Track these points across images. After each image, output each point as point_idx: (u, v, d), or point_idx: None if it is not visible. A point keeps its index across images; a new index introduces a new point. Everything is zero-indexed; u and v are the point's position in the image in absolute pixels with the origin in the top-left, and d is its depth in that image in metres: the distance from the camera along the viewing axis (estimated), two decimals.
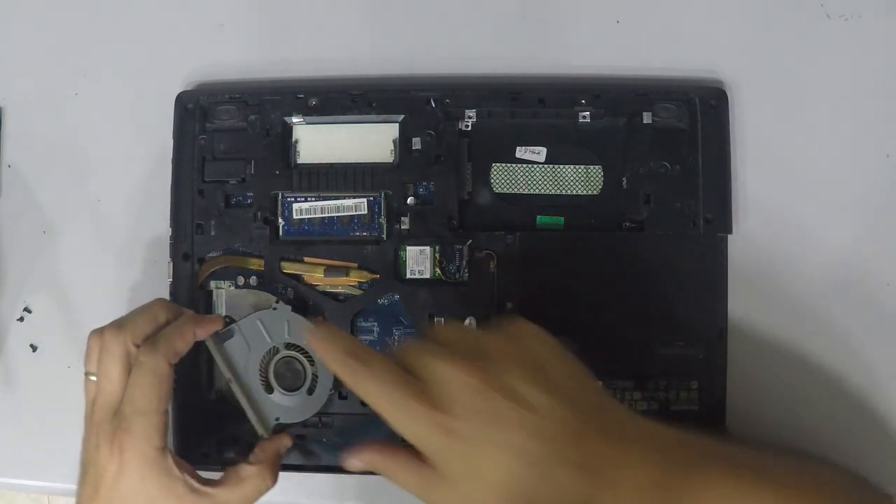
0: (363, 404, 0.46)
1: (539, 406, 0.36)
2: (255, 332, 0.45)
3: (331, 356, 0.37)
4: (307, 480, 0.49)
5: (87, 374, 0.41)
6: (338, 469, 0.47)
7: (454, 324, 0.42)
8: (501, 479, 0.36)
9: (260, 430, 0.44)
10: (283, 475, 0.48)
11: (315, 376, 0.45)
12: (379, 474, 0.38)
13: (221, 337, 0.44)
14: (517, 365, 0.37)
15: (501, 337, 0.38)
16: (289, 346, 0.45)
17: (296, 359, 0.45)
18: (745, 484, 0.38)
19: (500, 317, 0.43)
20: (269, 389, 0.45)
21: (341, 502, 0.49)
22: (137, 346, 0.40)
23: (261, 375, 0.45)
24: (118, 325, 0.41)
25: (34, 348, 0.51)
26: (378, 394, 0.36)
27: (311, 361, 0.45)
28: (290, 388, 0.45)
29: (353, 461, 0.39)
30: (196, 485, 0.41)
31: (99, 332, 0.41)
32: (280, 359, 0.45)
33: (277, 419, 0.44)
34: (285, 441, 0.45)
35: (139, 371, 0.39)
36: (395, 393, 0.36)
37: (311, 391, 0.45)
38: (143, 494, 0.39)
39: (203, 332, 0.43)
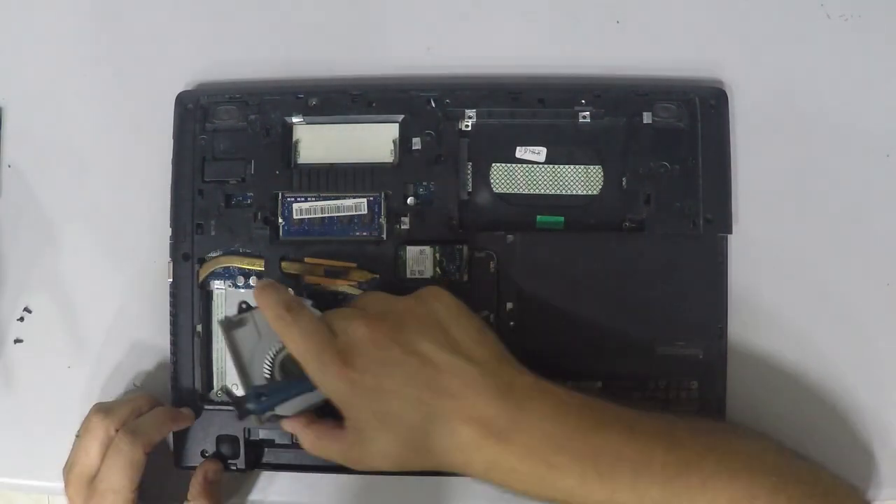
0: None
1: (438, 362, 0.39)
2: (267, 325, 0.44)
3: (267, 305, 0.41)
4: (307, 480, 0.49)
5: (76, 435, 0.46)
6: (338, 469, 0.47)
7: (377, 292, 0.44)
8: (403, 429, 0.39)
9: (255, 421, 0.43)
10: (283, 475, 0.48)
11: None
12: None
13: (234, 323, 0.44)
14: (419, 322, 0.40)
15: (411, 300, 0.42)
16: None
17: None
18: (644, 447, 0.38)
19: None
20: (241, 417, 0.43)
21: (341, 502, 0.49)
22: (117, 431, 0.45)
23: (267, 366, 0.44)
24: (105, 411, 0.45)
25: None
26: (300, 345, 0.40)
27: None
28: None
29: (285, 428, 0.42)
30: None
31: (92, 410, 0.46)
32: (289, 353, 0.44)
33: (273, 409, 0.43)
34: (211, 467, 0.46)
35: (118, 456, 0.44)
36: (315, 346, 0.40)
37: (312, 387, 0.45)
38: None
39: (176, 426, 0.47)
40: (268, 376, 0.43)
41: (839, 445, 0.48)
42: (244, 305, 0.47)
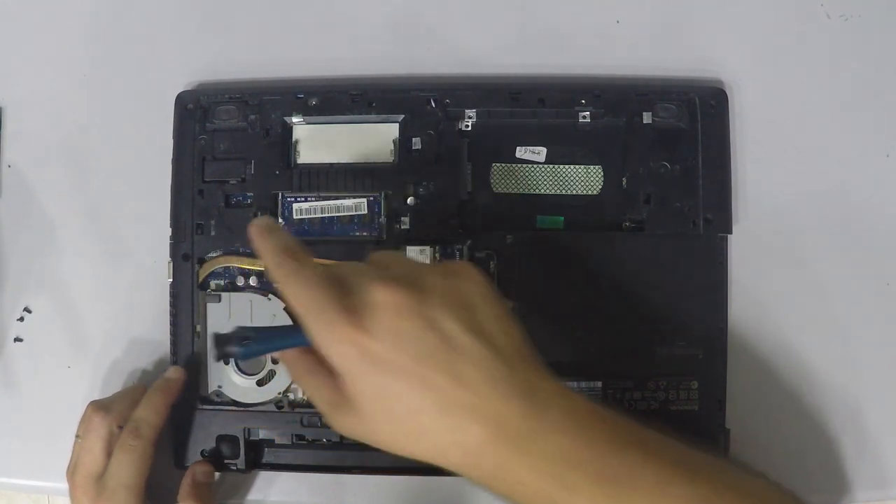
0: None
1: (460, 344, 0.34)
2: (241, 308, 0.47)
3: (266, 248, 0.36)
4: (307, 480, 0.49)
5: (76, 436, 0.46)
6: (338, 469, 0.47)
7: (396, 252, 0.41)
8: (406, 412, 0.34)
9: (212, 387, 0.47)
10: (282, 475, 0.48)
11: (273, 373, 0.47)
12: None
13: (211, 297, 0.47)
14: (447, 298, 0.35)
15: (438, 270, 0.37)
16: None
17: None
18: (663, 477, 0.35)
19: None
20: (226, 361, 0.46)
21: (341, 502, 0.49)
22: (120, 428, 0.45)
23: None
24: (105, 408, 0.45)
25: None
26: (303, 297, 0.35)
27: (276, 362, 0.46)
28: (245, 372, 0.47)
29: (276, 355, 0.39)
30: None
31: (90, 409, 0.46)
32: None
33: (219, 387, 0.47)
34: (201, 469, 0.47)
35: (127, 452, 0.44)
36: (321, 300, 0.35)
37: (261, 383, 0.47)
38: None
39: (173, 397, 0.46)
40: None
41: (839, 445, 0.48)
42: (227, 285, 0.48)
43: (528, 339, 0.37)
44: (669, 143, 0.47)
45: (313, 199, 0.47)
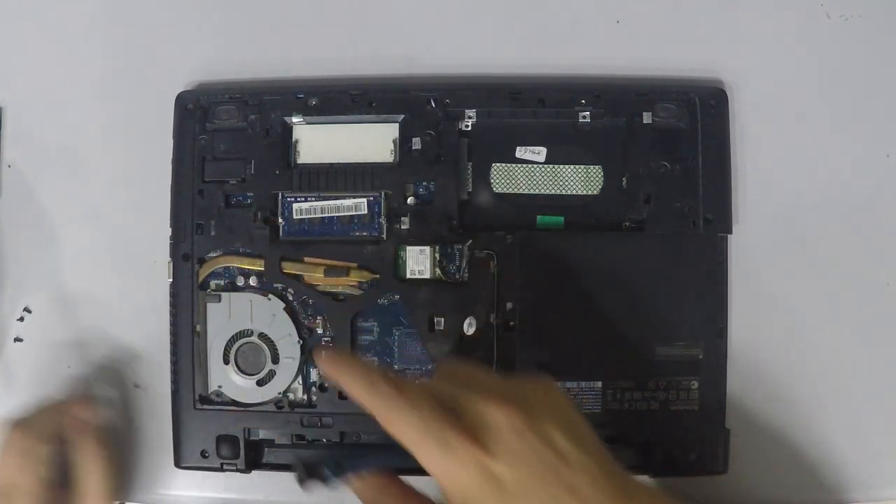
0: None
1: (569, 456, 0.34)
2: (241, 309, 0.47)
3: (352, 380, 0.35)
4: None
5: None
6: None
7: (472, 365, 0.39)
8: None
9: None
10: (283, 475, 0.48)
11: (273, 373, 0.47)
12: None
13: (211, 297, 0.47)
14: (551, 414, 0.35)
15: (535, 385, 0.37)
16: (263, 337, 0.47)
17: (263, 351, 0.47)
18: None
19: (519, 374, 0.41)
20: (226, 361, 0.47)
21: (341, 502, 0.49)
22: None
23: (226, 345, 0.47)
24: (16, 422, 0.45)
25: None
26: (414, 421, 0.33)
27: (276, 361, 0.46)
28: (245, 372, 0.47)
29: (354, 487, 0.37)
30: None
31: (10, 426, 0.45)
32: (249, 342, 0.47)
33: (219, 387, 0.47)
34: (80, 406, 0.47)
35: (10, 449, 0.43)
36: (436, 422, 0.33)
37: (261, 383, 0.47)
38: None
39: (69, 416, 0.46)
40: (224, 354, 0.46)
41: (839, 445, 0.48)
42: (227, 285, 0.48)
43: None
44: (669, 143, 0.47)
45: (313, 199, 0.47)
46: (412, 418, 0.33)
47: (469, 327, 0.46)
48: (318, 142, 0.48)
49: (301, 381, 0.47)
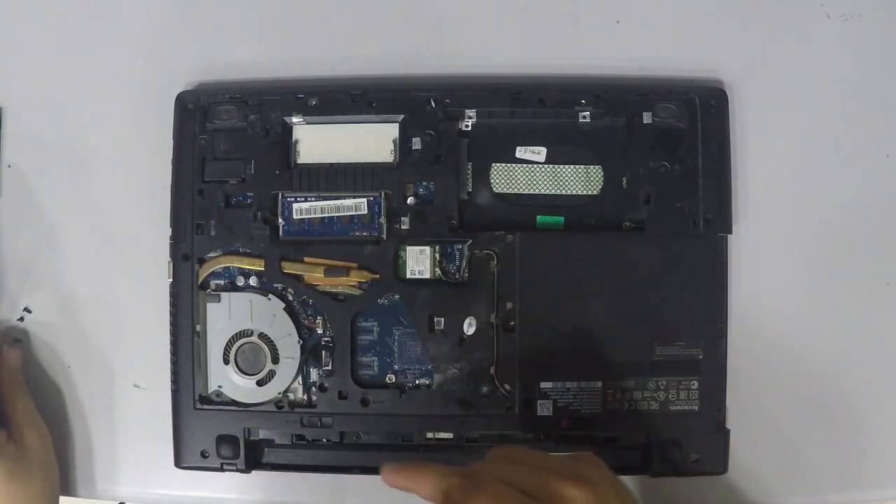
0: (364, 403, 0.46)
1: None
2: (241, 309, 0.47)
3: (428, 486, 0.37)
4: (307, 480, 0.49)
5: None
6: (338, 469, 0.47)
7: (525, 448, 0.40)
8: None
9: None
10: (283, 475, 0.48)
11: (273, 373, 0.47)
12: None
13: (211, 297, 0.47)
14: (611, 487, 0.37)
15: (586, 461, 0.38)
16: (263, 337, 0.47)
17: (263, 351, 0.47)
18: None
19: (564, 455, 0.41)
20: (226, 361, 0.47)
21: (341, 502, 0.49)
22: None
23: (226, 345, 0.47)
24: None
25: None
26: None
27: (276, 361, 0.47)
28: (245, 372, 0.47)
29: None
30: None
31: None
32: (249, 342, 0.47)
33: (220, 387, 0.47)
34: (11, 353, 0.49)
35: None
36: None
37: (261, 383, 0.47)
38: None
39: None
40: (224, 354, 0.47)
41: (839, 445, 0.48)
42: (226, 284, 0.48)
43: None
44: (669, 143, 0.47)
45: (313, 199, 0.47)
46: None
47: (469, 327, 0.46)
48: (318, 142, 0.48)
49: (301, 381, 0.47)
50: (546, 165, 0.48)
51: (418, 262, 0.47)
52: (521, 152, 0.48)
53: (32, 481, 0.46)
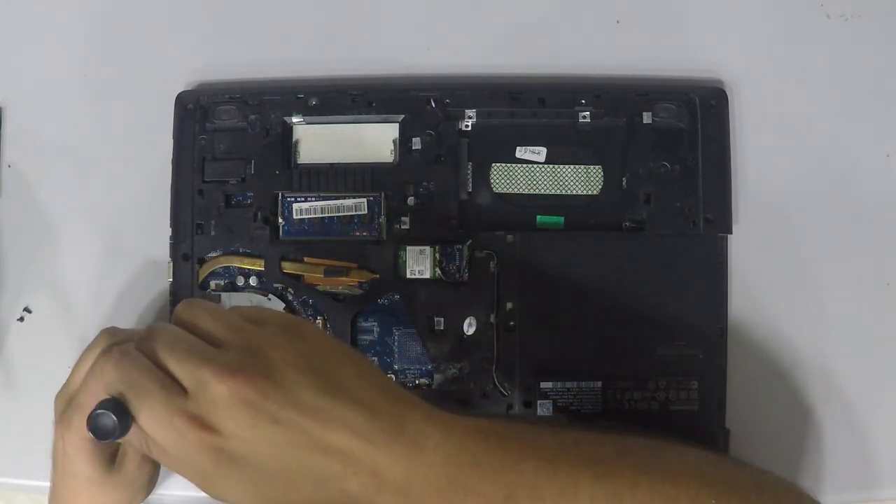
0: None
1: (321, 411, 0.32)
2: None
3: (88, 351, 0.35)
4: None
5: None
6: None
7: (205, 305, 0.35)
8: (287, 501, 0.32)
9: None
10: None
11: None
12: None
13: (211, 297, 0.47)
14: (292, 365, 0.33)
15: (276, 332, 0.34)
16: None
17: None
18: (567, 481, 0.33)
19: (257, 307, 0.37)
20: None
21: None
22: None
23: None
24: (111, 331, 0.41)
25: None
26: (138, 403, 0.32)
27: None
28: None
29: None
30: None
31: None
32: None
33: None
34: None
35: (96, 376, 0.36)
36: (158, 405, 0.32)
37: None
38: None
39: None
40: None
41: (839, 445, 0.48)
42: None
43: (384, 374, 0.36)
44: (669, 143, 0.47)
45: (313, 199, 0.47)
46: (137, 400, 0.32)
47: (469, 327, 0.46)
48: (318, 142, 0.48)
49: None
50: (546, 165, 0.48)
51: (418, 262, 0.47)
52: (521, 152, 0.48)
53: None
